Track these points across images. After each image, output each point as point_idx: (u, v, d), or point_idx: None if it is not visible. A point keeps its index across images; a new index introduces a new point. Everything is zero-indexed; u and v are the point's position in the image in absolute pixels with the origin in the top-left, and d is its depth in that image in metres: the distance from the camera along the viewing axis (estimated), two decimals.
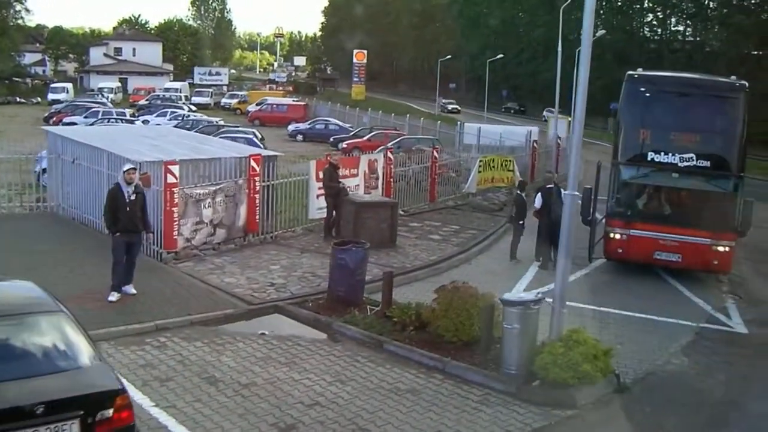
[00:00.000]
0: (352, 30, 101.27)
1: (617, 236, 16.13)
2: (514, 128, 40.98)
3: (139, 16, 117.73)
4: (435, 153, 23.23)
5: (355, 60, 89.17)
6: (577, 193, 10.28)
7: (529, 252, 17.07)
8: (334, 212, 17.34)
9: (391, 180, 20.99)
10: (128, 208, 12.24)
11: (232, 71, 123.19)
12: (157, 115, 50.62)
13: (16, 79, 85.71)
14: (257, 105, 62.80)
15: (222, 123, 44.82)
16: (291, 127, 51.66)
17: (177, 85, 77.51)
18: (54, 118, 47.87)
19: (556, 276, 10.20)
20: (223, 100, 73.94)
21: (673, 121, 15.85)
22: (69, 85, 75.96)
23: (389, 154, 21.08)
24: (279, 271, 14.63)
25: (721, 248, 15.53)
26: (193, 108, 60.37)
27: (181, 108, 55.62)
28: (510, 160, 27.19)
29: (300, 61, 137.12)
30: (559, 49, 32.89)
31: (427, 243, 17.83)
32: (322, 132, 49.02)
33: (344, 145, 41.29)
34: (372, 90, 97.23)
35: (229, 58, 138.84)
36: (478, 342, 10.59)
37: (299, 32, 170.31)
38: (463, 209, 23.13)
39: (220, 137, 34.48)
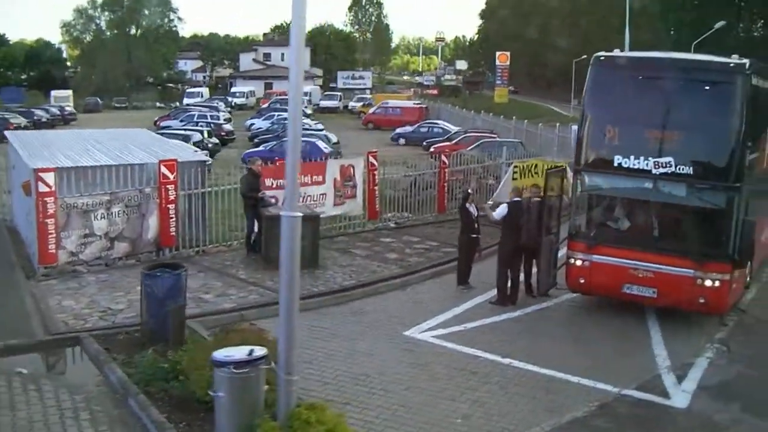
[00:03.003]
0: (505, 32, 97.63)
1: (578, 262, 12.62)
2: None
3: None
4: (444, 158, 20.16)
5: (498, 62, 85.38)
6: (298, 214, 7.31)
7: (489, 277, 13.86)
8: (256, 226, 14.99)
9: (375, 188, 18.29)
10: None
11: (383, 75, 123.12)
12: (264, 119, 50.64)
13: (170, 84, 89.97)
14: (378, 108, 61.37)
15: (316, 126, 43.39)
16: (398, 130, 49.62)
17: (306, 89, 77.53)
18: (157, 122, 48.87)
19: (279, 328, 7.31)
20: (351, 104, 73.29)
21: (645, 116, 12.11)
22: (204, 90, 78.59)
23: (371, 159, 18.35)
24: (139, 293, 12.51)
25: (709, 282, 11.64)
26: (309, 112, 59.92)
27: None
28: (561, 166, 23.37)
29: (462, 64, 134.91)
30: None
31: (367, 263, 15.05)
32: (424, 135, 46.54)
33: (432, 149, 38.99)
34: (524, 92, 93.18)
35: (386, 63, 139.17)
36: None
37: (463, 36, 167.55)
38: None
39: (284, 141, 33.28)
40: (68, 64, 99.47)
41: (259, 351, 7.25)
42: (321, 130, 41.13)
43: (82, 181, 14.06)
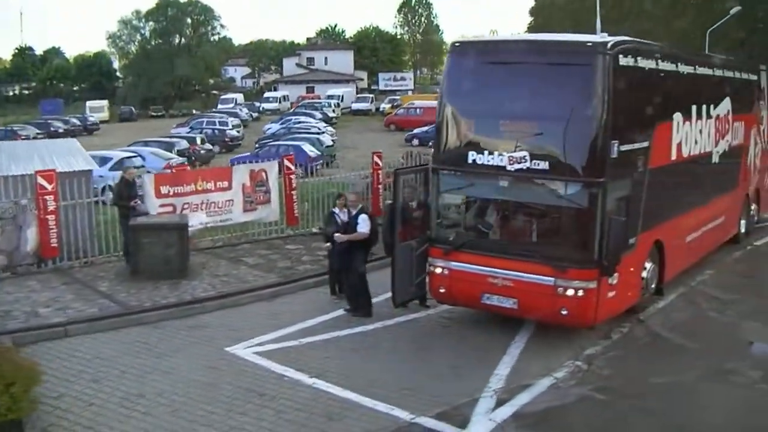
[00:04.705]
0: (557, 27, 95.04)
1: (437, 270, 11.50)
2: None
3: (336, 25, 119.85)
4: (377, 159, 19.13)
5: None
6: None
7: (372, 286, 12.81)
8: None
9: (293, 193, 17.40)
10: None
11: (435, 75, 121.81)
12: (281, 123, 50.39)
13: (214, 92, 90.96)
14: (401, 109, 60.52)
15: (318, 129, 42.79)
16: (415, 131, 48.70)
17: (339, 91, 77.40)
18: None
19: None
20: (382, 105, 72.57)
21: (499, 106, 10.92)
22: (238, 96, 79.22)
23: (287, 162, 17.47)
24: None
25: (571, 291, 10.35)
26: (333, 114, 59.56)
27: (312, 116, 54.85)
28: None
29: None
30: None
31: (246, 273, 14.24)
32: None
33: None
34: None
35: (437, 63, 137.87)
36: None
37: (518, 34, 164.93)
38: None
39: (269, 144, 32.84)
40: (118, 74, 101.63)
41: None
42: (321, 132, 40.43)
43: None
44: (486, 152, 10.80)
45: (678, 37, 53.78)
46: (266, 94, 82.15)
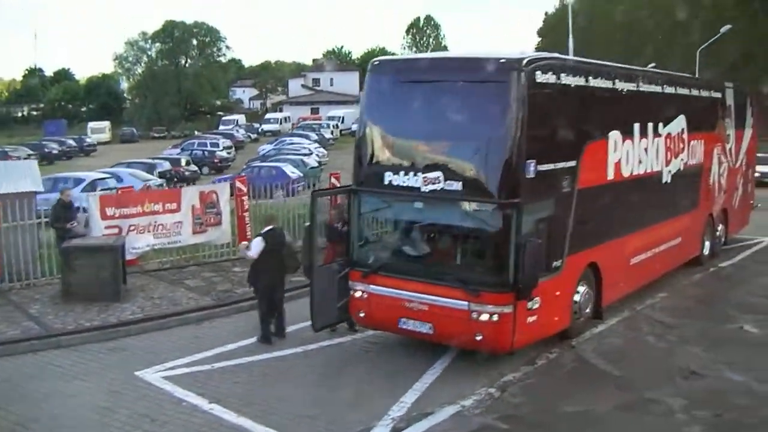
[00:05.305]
0: (565, 48, 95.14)
1: (357, 294, 11.32)
2: None
3: (342, 47, 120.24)
4: (335, 180, 19.05)
5: None
6: None
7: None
8: None
9: (245, 215, 17.29)
10: None
11: None
12: (276, 145, 50.61)
13: (220, 113, 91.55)
14: None
15: (308, 150, 42.88)
16: None
17: (340, 113, 77.69)
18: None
19: None
20: None
21: (413, 125, 10.79)
22: (240, 117, 79.65)
23: (239, 184, 17.37)
24: None
25: (485, 316, 10.12)
26: (330, 136, 59.78)
27: (307, 137, 55.05)
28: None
29: None
30: None
31: (181, 295, 14.13)
32: None
33: None
34: None
35: None
36: None
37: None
38: None
39: (252, 165, 32.89)
40: (126, 95, 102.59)
41: None
42: (310, 154, 40.44)
43: None
44: (402, 173, 10.63)
45: (680, 57, 53.88)
46: (267, 115, 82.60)
